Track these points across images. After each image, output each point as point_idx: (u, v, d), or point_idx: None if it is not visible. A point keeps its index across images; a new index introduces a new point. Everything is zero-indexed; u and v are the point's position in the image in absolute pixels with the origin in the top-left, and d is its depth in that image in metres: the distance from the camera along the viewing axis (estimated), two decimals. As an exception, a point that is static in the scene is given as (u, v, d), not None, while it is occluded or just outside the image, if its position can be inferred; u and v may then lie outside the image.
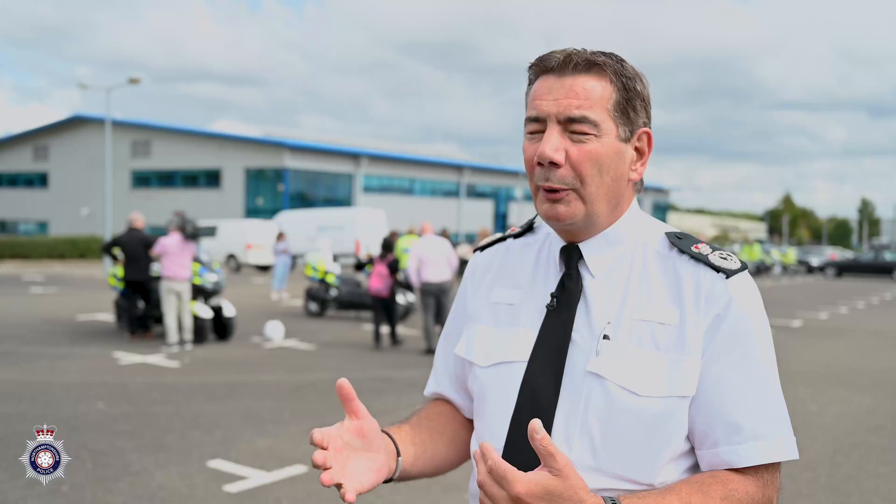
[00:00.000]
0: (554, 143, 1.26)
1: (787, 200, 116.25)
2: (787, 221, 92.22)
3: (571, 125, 1.27)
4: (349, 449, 1.26)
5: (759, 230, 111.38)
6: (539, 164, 1.28)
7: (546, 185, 1.28)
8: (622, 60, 1.32)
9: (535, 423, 1.06)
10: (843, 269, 38.97)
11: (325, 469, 1.20)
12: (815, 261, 43.48)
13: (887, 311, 19.91)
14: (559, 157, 1.26)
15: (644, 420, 1.22)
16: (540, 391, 1.27)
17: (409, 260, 10.77)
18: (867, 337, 14.16)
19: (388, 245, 11.63)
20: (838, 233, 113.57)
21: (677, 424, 1.23)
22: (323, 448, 1.20)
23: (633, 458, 1.22)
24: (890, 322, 17.09)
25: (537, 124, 1.30)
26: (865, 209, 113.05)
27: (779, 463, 1.26)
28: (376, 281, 11.27)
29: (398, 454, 1.34)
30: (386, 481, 1.34)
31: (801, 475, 5.44)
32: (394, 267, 11.32)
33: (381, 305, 11.43)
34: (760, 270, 37.75)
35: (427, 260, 10.57)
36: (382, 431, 1.34)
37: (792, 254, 43.00)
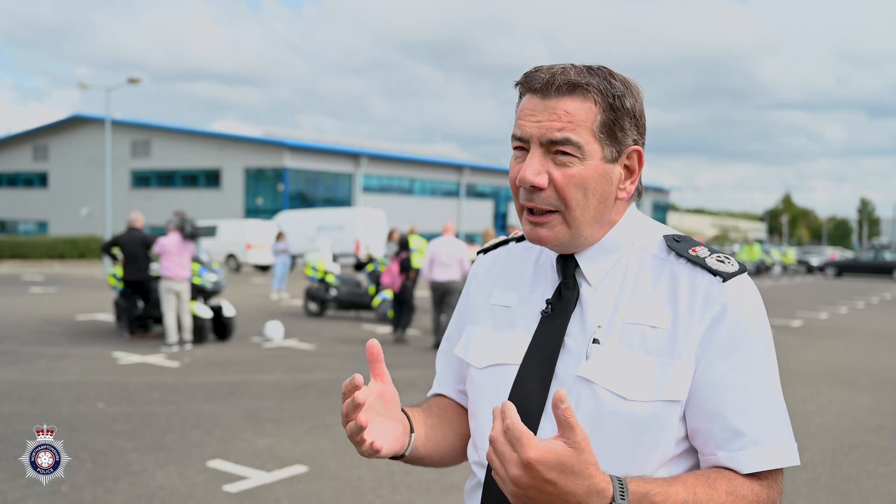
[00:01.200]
0: (535, 167, 1.25)
1: (787, 200, 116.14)
2: (786, 221, 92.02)
3: (554, 147, 1.25)
4: (371, 411, 1.26)
5: (759, 230, 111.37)
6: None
7: (530, 205, 1.27)
8: (611, 76, 1.27)
9: (561, 393, 1.04)
10: (843, 268, 38.95)
11: (352, 420, 1.21)
12: (814, 261, 43.47)
13: (887, 311, 19.90)
14: (541, 181, 1.25)
15: (632, 424, 1.21)
16: (529, 395, 1.27)
17: (424, 257, 11.13)
18: (867, 337, 14.16)
19: (403, 243, 11.91)
20: (838, 233, 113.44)
21: (667, 429, 1.22)
22: (358, 400, 1.21)
23: (621, 463, 1.21)
24: (890, 322, 17.08)
25: (521, 143, 1.29)
26: (865, 209, 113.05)
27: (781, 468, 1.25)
28: (386, 278, 11.94)
29: (412, 431, 1.34)
30: (396, 458, 1.33)
31: (801, 475, 5.44)
32: (405, 265, 11.54)
33: (394, 302, 11.87)
34: (760, 270, 37.73)
35: (439, 259, 10.80)
36: None
37: (792, 254, 42.92)
